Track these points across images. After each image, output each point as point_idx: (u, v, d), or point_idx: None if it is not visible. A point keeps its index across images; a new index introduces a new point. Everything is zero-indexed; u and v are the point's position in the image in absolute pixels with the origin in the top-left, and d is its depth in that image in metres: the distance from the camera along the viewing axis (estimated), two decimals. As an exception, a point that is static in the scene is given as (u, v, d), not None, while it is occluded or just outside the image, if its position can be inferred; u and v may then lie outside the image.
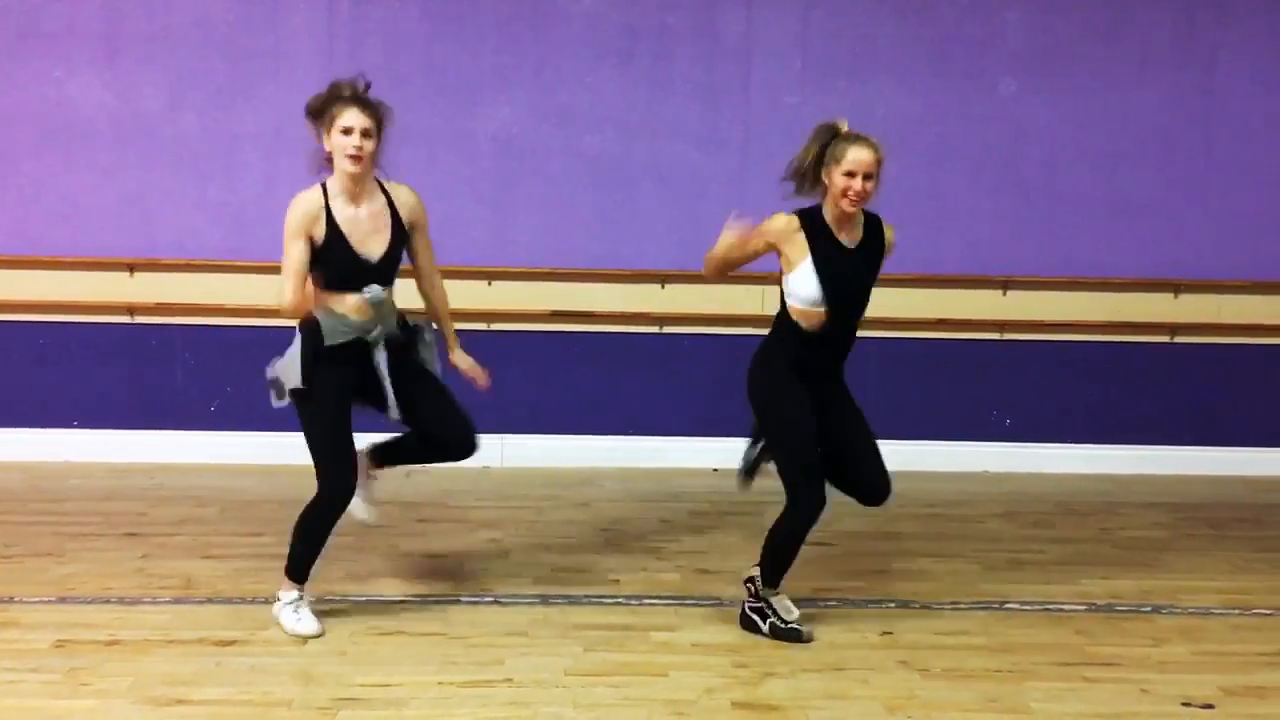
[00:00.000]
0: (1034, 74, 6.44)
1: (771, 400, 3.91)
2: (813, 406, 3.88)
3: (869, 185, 3.74)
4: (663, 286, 6.45)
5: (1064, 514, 5.71)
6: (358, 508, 4.03)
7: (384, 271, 3.81)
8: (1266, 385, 6.64)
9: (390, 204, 3.85)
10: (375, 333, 3.80)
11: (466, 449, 4.01)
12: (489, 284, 6.19)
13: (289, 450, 6.30)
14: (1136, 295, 6.57)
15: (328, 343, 3.79)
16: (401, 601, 4.19)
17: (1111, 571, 4.75)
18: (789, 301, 3.91)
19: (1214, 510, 5.85)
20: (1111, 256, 6.54)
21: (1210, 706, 3.46)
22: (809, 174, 3.83)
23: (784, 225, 3.85)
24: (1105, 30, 6.44)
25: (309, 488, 3.89)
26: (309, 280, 3.79)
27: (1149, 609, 4.30)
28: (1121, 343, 6.61)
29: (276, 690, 3.40)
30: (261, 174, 6.25)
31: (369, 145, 3.70)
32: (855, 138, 3.76)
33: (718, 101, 6.38)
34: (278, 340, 6.22)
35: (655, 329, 6.50)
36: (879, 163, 3.76)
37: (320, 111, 3.74)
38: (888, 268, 4.10)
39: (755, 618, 3.95)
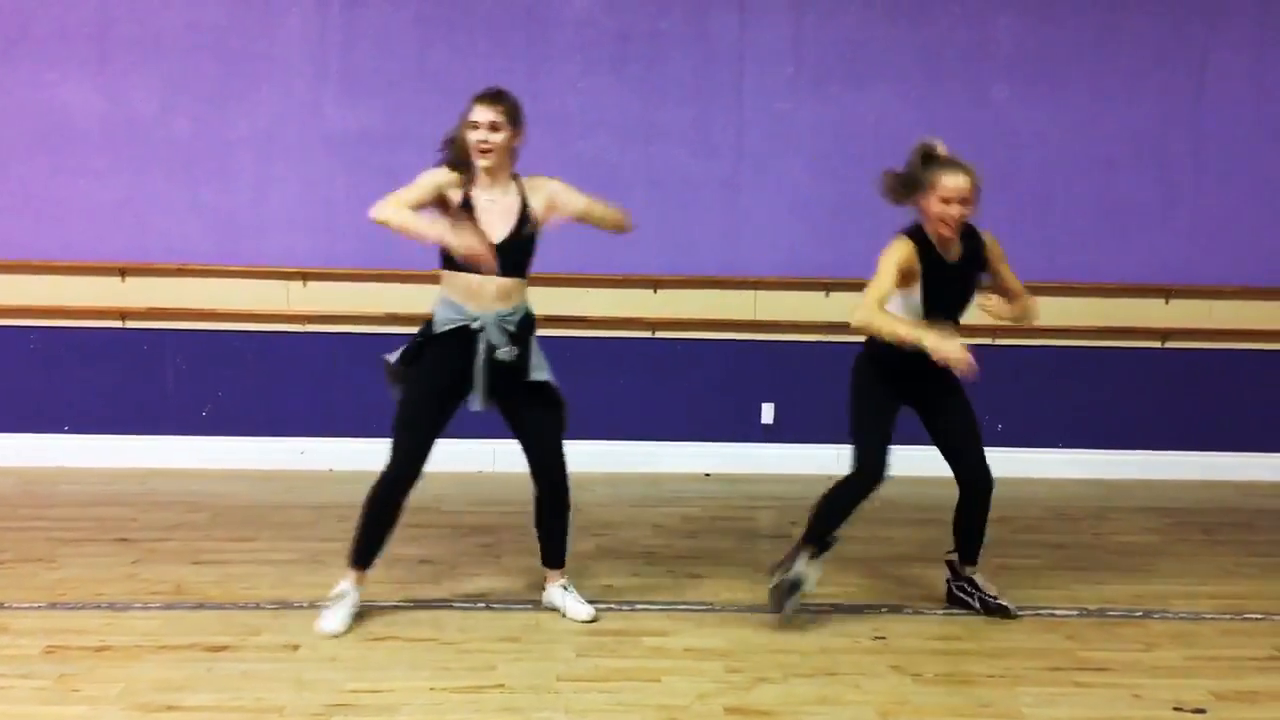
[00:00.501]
0: (1026, 80, 6.46)
1: (860, 397, 4.12)
2: (914, 403, 4.16)
3: (966, 210, 3.86)
4: (655, 291, 6.45)
5: (1055, 519, 5.72)
6: (578, 611, 4.12)
7: (502, 255, 3.85)
8: (1258, 390, 6.67)
9: (523, 197, 3.96)
10: (479, 323, 3.88)
11: (558, 498, 4.17)
12: (481, 289, 6.20)
13: (281, 455, 6.33)
14: (1128, 300, 6.59)
15: (437, 330, 3.89)
16: (394, 607, 4.18)
17: (1103, 576, 4.75)
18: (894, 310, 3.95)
19: (1206, 515, 5.87)
20: (1103, 261, 6.56)
21: (1202, 711, 3.46)
22: (906, 193, 3.95)
23: (910, 251, 3.90)
24: (1096, 37, 6.47)
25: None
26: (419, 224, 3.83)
27: (1140, 614, 4.31)
28: (1113, 348, 6.63)
29: (268, 696, 3.39)
30: (254, 178, 6.25)
31: (496, 138, 3.84)
32: (951, 164, 3.88)
33: (710, 107, 6.39)
34: (272, 345, 6.28)
35: (648, 334, 6.50)
36: (976, 189, 3.87)
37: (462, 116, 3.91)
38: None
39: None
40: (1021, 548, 5.16)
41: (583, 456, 6.45)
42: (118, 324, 6.28)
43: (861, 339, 4.13)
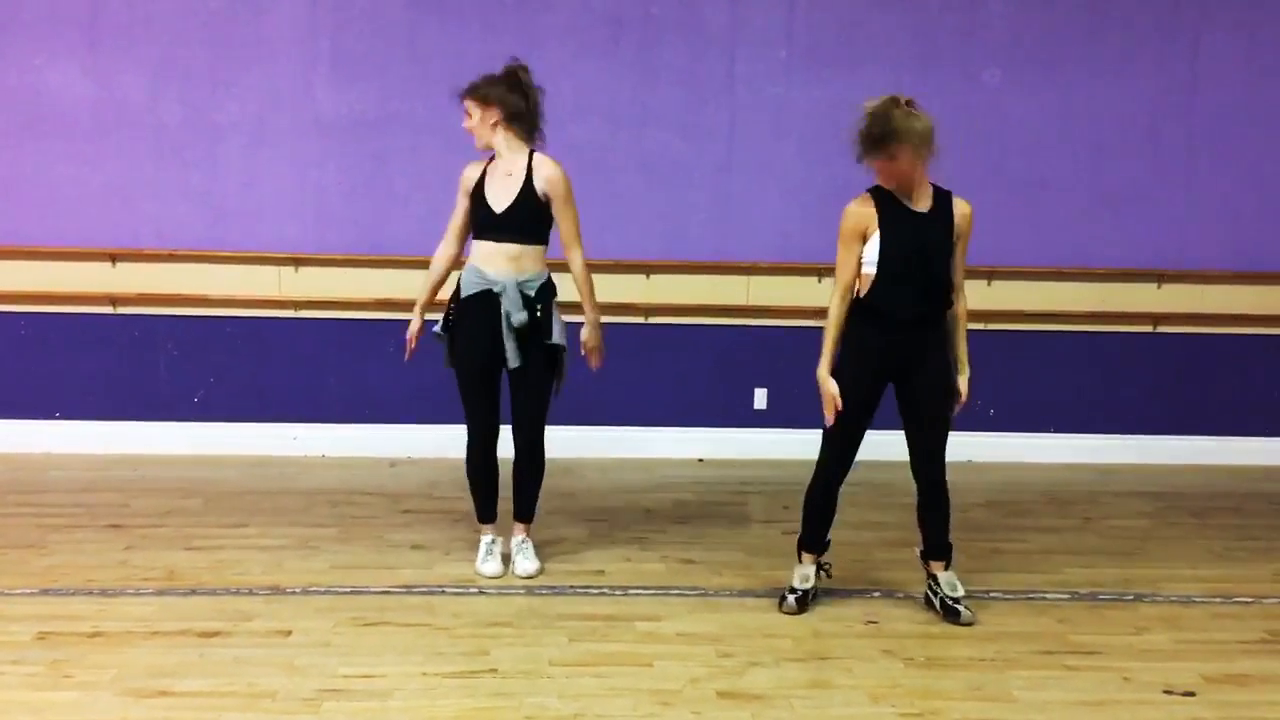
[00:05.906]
0: (1018, 64, 6.45)
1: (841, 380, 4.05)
2: (893, 374, 4.05)
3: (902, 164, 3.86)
4: (648, 277, 6.44)
5: (1047, 503, 5.74)
6: (520, 566, 4.43)
7: (508, 223, 4.20)
8: (1249, 375, 6.68)
9: (529, 169, 4.24)
10: (499, 287, 4.18)
11: (533, 456, 4.45)
12: (473, 274, 6.20)
13: (273, 441, 6.32)
14: (1120, 285, 6.59)
15: (464, 294, 4.24)
16: (386, 592, 4.18)
17: (1094, 560, 4.77)
18: (864, 271, 3.92)
19: (1196, 499, 5.89)
20: (1095, 246, 6.56)
21: (1191, 694, 3.48)
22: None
23: (859, 208, 3.90)
24: (1089, 20, 6.45)
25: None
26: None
27: (1131, 597, 4.33)
28: (1105, 332, 6.64)
29: (261, 681, 3.39)
30: (244, 163, 6.22)
31: (468, 122, 4.30)
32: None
33: (703, 91, 6.37)
34: (264, 331, 6.27)
35: (640, 319, 6.49)
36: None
37: None
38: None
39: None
40: (1013, 531, 5.18)
41: (575, 442, 6.50)
42: (108, 310, 6.26)
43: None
